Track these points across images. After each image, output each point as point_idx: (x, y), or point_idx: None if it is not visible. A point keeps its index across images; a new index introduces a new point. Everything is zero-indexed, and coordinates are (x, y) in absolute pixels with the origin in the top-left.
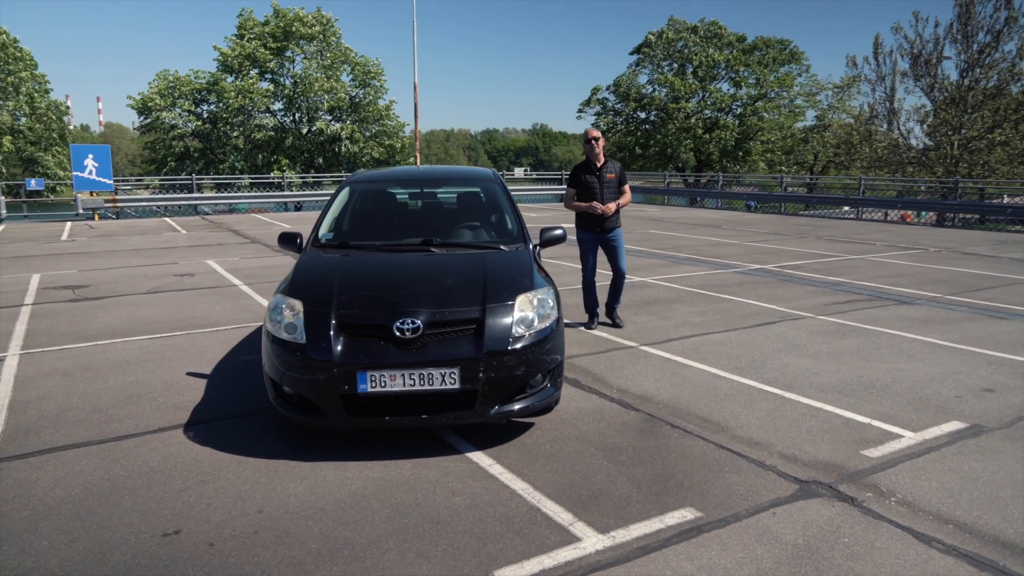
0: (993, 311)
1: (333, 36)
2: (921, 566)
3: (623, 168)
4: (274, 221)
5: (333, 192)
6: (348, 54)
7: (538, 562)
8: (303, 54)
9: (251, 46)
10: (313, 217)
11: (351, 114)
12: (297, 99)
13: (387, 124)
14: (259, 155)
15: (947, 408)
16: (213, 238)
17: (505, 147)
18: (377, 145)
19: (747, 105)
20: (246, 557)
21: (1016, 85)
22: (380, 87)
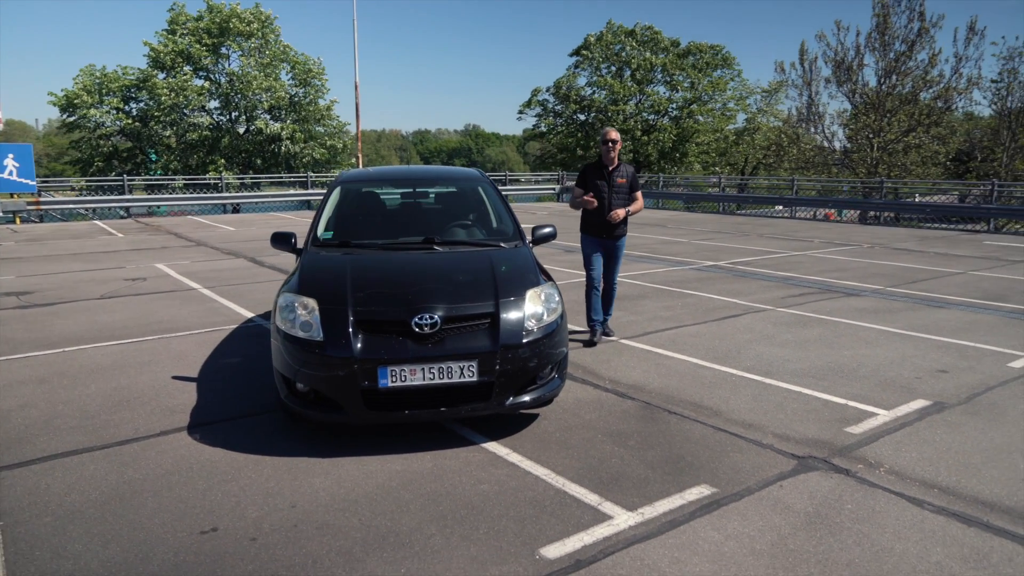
0: (931, 301)
1: (272, 34)
2: (918, 525)
3: (636, 173)
4: (215, 224)
5: (325, 192)
6: (288, 52)
7: (578, 539)
8: (241, 51)
9: (184, 42)
10: (253, 220)
11: (291, 114)
12: (234, 98)
13: (328, 124)
14: (194, 155)
15: (911, 388)
16: (154, 241)
17: (438, 148)
18: (318, 146)
19: (682, 108)
20: (292, 549)
21: (927, 92)
22: (321, 86)
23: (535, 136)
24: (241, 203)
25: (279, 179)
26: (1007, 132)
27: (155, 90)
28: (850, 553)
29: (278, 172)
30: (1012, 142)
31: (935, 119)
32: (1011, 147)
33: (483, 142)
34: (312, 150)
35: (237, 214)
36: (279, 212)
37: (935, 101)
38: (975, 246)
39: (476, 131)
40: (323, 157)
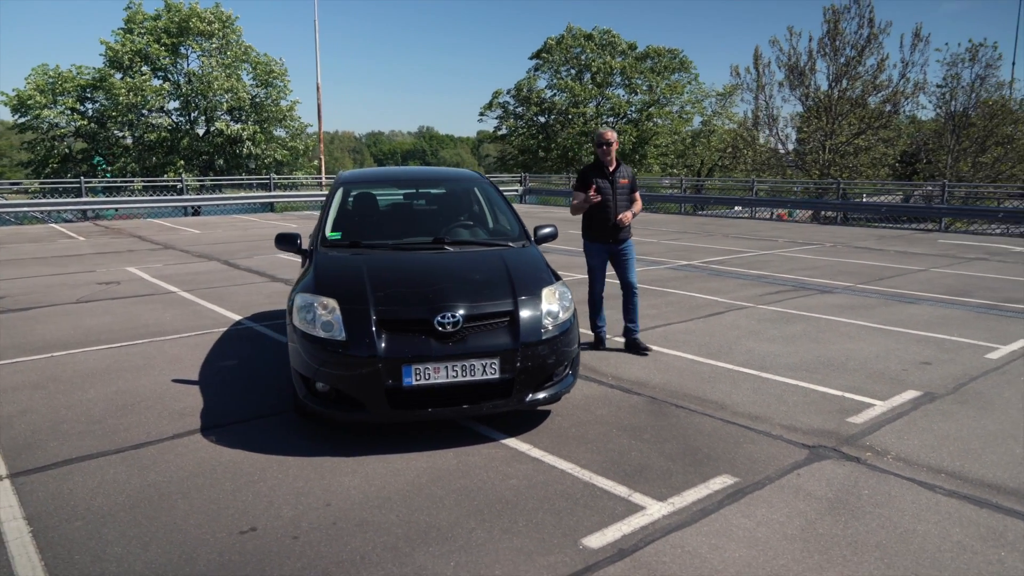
0: (901, 297)
1: (233, 34)
2: (933, 508)
3: (634, 173)
4: (178, 227)
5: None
6: (249, 53)
7: (617, 529)
8: (201, 51)
9: (142, 41)
10: (216, 222)
11: (252, 115)
12: (194, 98)
13: (290, 125)
14: (152, 157)
15: (900, 380)
16: (119, 245)
17: (391, 150)
18: (280, 147)
19: (641, 111)
20: (337, 546)
21: (876, 96)
22: (284, 87)
23: (496, 138)
24: (201, 205)
25: (241, 181)
26: (951, 135)
27: (112, 90)
28: (876, 536)
29: (239, 174)
30: (956, 145)
31: (883, 122)
32: (955, 150)
33: (437, 144)
34: (274, 151)
35: (197, 216)
36: (241, 215)
37: (884, 105)
38: (930, 244)
39: (430, 133)
40: (285, 159)
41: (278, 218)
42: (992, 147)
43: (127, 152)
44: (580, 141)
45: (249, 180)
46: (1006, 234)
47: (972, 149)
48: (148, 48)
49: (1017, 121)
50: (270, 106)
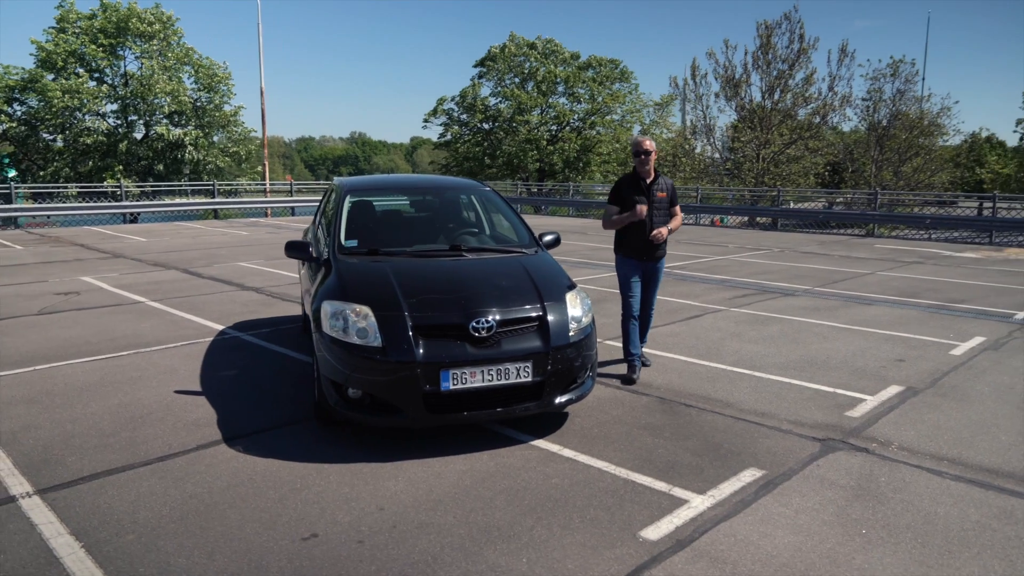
0: (858, 299)
1: (174, 35)
2: (946, 491)
3: (674, 186)
4: (120, 234)
5: (323, 200)
6: (191, 55)
7: (669, 521)
8: (140, 53)
9: (77, 41)
10: (160, 230)
11: (193, 119)
12: (133, 101)
13: (233, 131)
14: (88, 161)
15: (881, 376)
16: (63, 254)
17: (323, 155)
18: (221, 153)
19: (584, 119)
20: (405, 548)
21: (806, 108)
22: (228, 92)
23: (441, 145)
24: (139, 212)
25: (183, 187)
26: (875, 146)
27: (46, 92)
28: (903, 518)
29: (179, 180)
30: (880, 155)
31: (813, 133)
32: (879, 159)
33: (370, 150)
34: (216, 157)
35: (135, 224)
36: (184, 222)
37: (813, 116)
38: (869, 249)
39: (363, 139)
40: (227, 164)
41: (224, 225)
42: (912, 157)
43: (60, 156)
44: (525, 149)
45: (192, 186)
46: (929, 239)
47: (894, 159)
48: (84, 49)
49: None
50: (213, 111)
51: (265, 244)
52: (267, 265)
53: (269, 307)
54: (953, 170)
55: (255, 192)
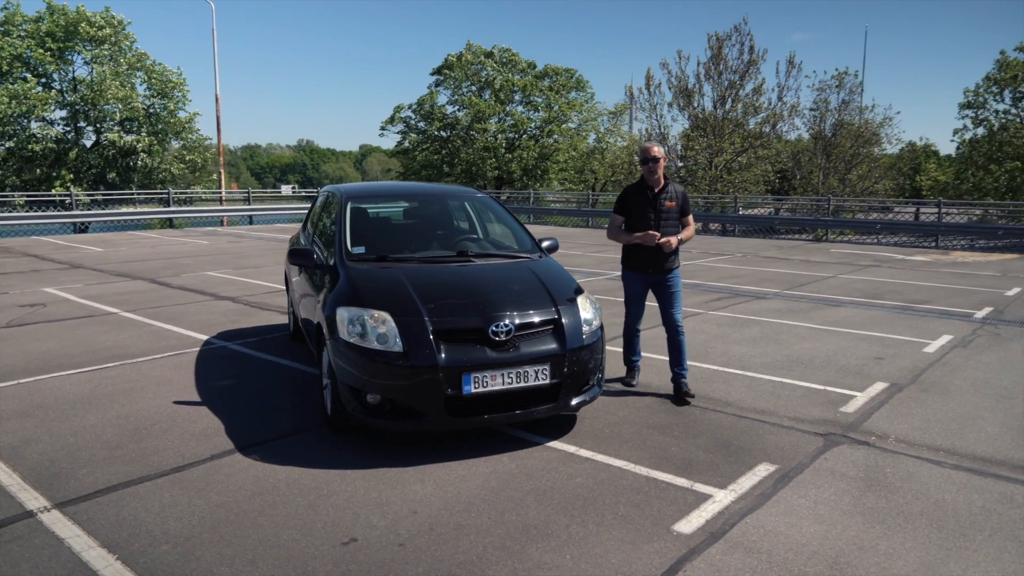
0: (827, 301)
1: (126, 40)
2: (949, 480)
3: (686, 194)
4: (74, 244)
5: (313, 208)
6: (144, 60)
7: (698, 515)
8: (91, 58)
9: (23, 45)
10: (115, 239)
11: (146, 125)
12: (83, 107)
13: (188, 138)
14: (36, 169)
15: (865, 374)
16: (17, 264)
17: (270, 163)
18: (177, 160)
19: (542, 128)
20: (448, 549)
21: (756, 117)
22: (183, 98)
23: (399, 153)
24: (91, 222)
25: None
26: (822, 154)
27: None
28: (915, 506)
29: (130, 188)
30: (827, 163)
31: (762, 142)
32: (826, 167)
33: (319, 158)
34: (171, 164)
35: (86, 233)
36: (138, 231)
37: (763, 126)
38: (825, 253)
39: (310, 146)
40: (182, 172)
41: (181, 234)
42: (857, 165)
43: (5, 164)
44: (483, 156)
45: (146, 195)
46: (878, 243)
47: (840, 167)
48: (30, 53)
49: (874, 143)
50: (167, 117)
51: (230, 253)
52: (236, 275)
53: (249, 316)
54: (896, 177)
55: (211, 200)
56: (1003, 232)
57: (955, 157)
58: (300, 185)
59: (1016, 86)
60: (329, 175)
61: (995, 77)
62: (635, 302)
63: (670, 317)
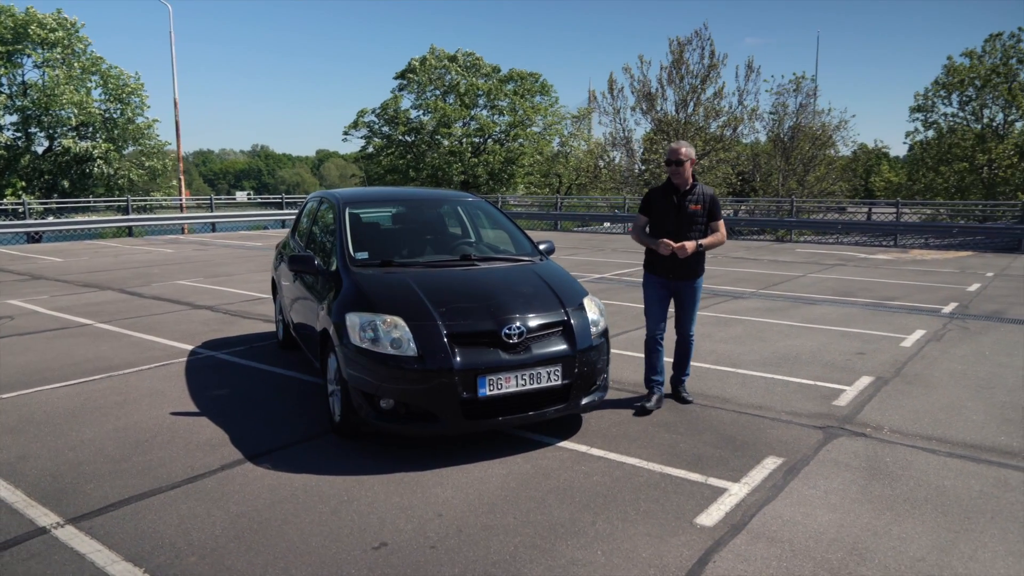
0: (802, 299)
1: (80, 42)
2: (946, 466)
3: (716, 198)
4: (28, 254)
5: (303, 215)
6: (99, 64)
7: (717, 508)
8: (42, 61)
9: None
10: (73, 249)
11: (103, 132)
12: (35, 112)
13: (146, 144)
14: None
15: (850, 368)
16: None
17: (223, 169)
18: (135, 167)
19: (506, 132)
20: (480, 550)
21: (717, 120)
22: (141, 103)
23: (363, 157)
24: (44, 231)
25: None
26: (780, 157)
27: None
28: (919, 492)
29: (86, 196)
30: (786, 165)
31: (724, 145)
32: (785, 169)
33: (274, 163)
34: (128, 171)
35: (39, 243)
36: (95, 240)
37: (724, 129)
38: (792, 253)
39: (265, 152)
40: (141, 179)
41: (143, 243)
42: (815, 167)
43: None
44: (449, 161)
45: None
46: (838, 243)
47: (799, 169)
48: None
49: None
50: (125, 123)
51: (198, 262)
52: (209, 283)
53: (231, 325)
54: (851, 178)
55: (171, 208)
56: (958, 231)
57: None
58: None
59: (963, 91)
60: (286, 181)
61: (943, 82)
62: (655, 307)
63: (682, 326)
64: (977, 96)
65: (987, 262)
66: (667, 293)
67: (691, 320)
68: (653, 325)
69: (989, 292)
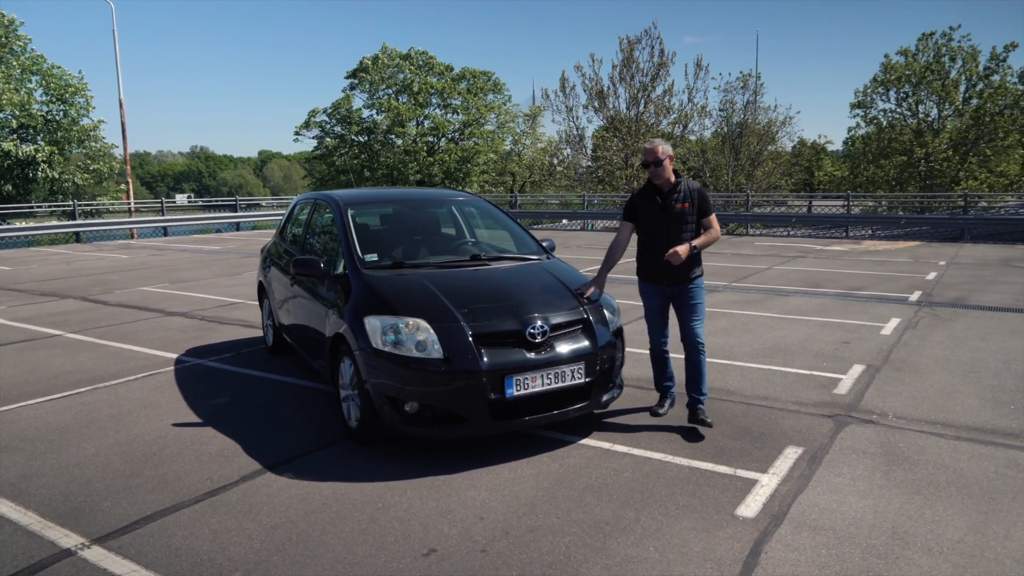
0: (774, 291)
1: (18, 41)
2: (957, 449)
3: (704, 192)
4: None
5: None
6: (40, 63)
7: (754, 500)
8: None
9: None
10: (19, 256)
11: (45, 134)
12: None
13: (91, 146)
14: None
15: (841, 357)
16: None
17: (161, 171)
18: (80, 170)
19: (460, 130)
20: (531, 552)
21: (667, 118)
22: (85, 104)
23: (315, 158)
24: None
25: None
26: (729, 152)
27: None
28: (940, 476)
29: (28, 200)
30: (734, 161)
31: (674, 141)
32: (733, 165)
33: (215, 165)
34: (73, 174)
35: None
36: (40, 247)
37: (675, 126)
38: (752, 247)
39: (205, 153)
40: (86, 183)
41: (93, 249)
42: (763, 163)
43: None
44: (404, 160)
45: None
46: (788, 236)
47: (747, 165)
48: None
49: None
50: (69, 125)
51: (158, 267)
52: (176, 289)
53: (211, 332)
54: (796, 173)
55: (119, 212)
56: (905, 222)
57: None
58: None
59: (900, 87)
60: (228, 183)
61: (881, 79)
62: (655, 317)
63: (688, 332)
64: (913, 92)
65: (936, 251)
66: (665, 301)
67: (698, 323)
68: (656, 336)
69: (947, 280)
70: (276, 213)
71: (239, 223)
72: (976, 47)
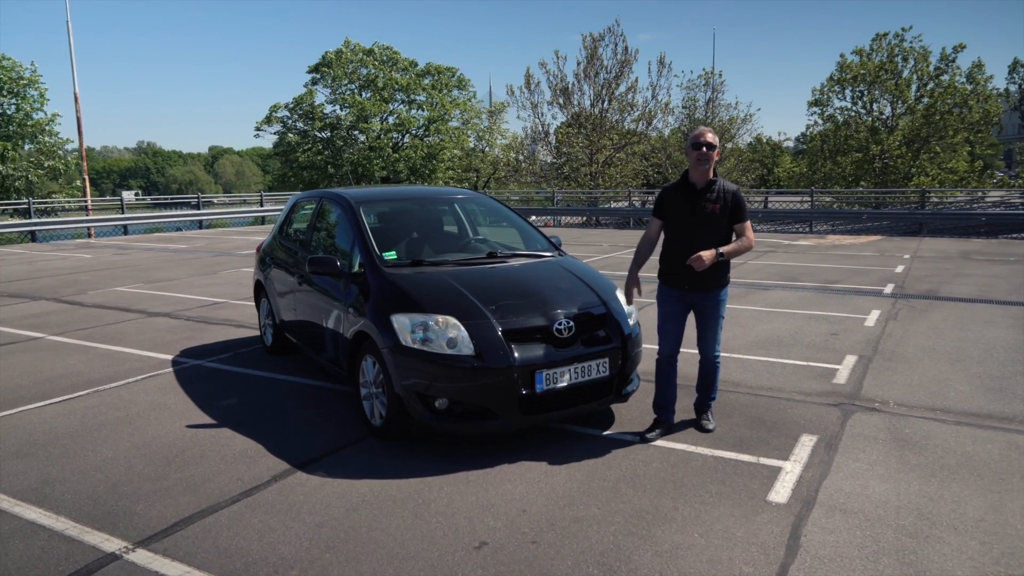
0: (755, 285)
1: None
2: (959, 433)
3: (741, 196)
4: None
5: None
6: None
7: (782, 486)
8: None
9: None
10: None
11: None
12: None
13: (45, 142)
14: None
15: (833, 348)
16: None
17: (107, 168)
18: (33, 166)
19: (425, 127)
20: (580, 542)
21: (631, 115)
22: (39, 97)
23: (277, 154)
24: None
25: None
26: None
27: None
28: (950, 459)
29: None
30: None
31: (638, 139)
32: None
33: (163, 161)
34: (27, 171)
35: None
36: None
37: (638, 123)
38: None
39: (153, 149)
40: (40, 179)
41: (52, 248)
42: (726, 159)
43: None
44: (369, 156)
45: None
46: (757, 231)
47: None
48: None
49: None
50: (21, 119)
51: (127, 267)
52: (153, 289)
53: (200, 332)
54: (757, 169)
55: (76, 210)
56: (867, 216)
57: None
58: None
59: (855, 86)
60: (178, 180)
61: (837, 77)
62: (669, 324)
63: (705, 346)
64: (868, 91)
65: (898, 245)
66: (684, 307)
67: (715, 339)
68: (667, 345)
69: (915, 273)
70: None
71: (201, 221)
72: (927, 47)
